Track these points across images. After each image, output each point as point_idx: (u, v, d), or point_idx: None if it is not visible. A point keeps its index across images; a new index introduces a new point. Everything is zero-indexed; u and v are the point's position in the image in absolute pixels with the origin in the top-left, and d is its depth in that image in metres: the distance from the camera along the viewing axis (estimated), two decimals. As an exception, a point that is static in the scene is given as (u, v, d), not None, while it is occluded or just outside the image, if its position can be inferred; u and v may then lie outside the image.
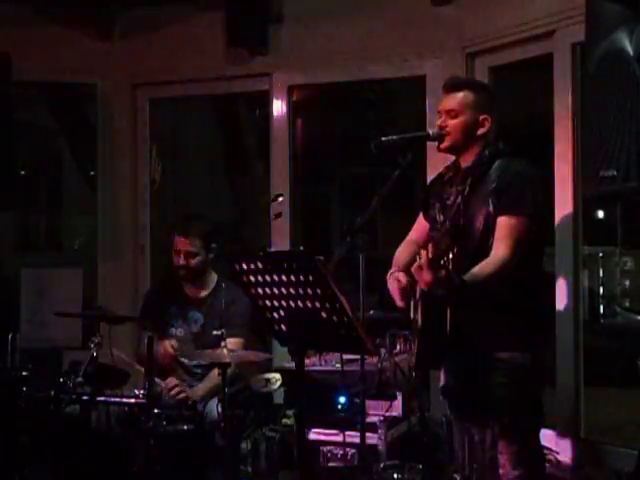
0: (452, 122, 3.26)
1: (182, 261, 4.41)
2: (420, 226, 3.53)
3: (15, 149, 5.17)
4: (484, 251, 3.09)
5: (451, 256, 2.84)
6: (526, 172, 3.22)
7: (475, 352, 3.14)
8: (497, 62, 4.84)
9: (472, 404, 3.25)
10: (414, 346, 3.21)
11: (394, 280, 3.32)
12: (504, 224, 3.09)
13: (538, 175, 3.28)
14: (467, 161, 3.29)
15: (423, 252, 2.80)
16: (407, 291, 3.28)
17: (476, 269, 2.99)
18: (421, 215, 3.53)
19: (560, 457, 4.26)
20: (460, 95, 3.27)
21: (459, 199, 3.22)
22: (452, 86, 3.32)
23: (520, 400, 3.15)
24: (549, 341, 3.87)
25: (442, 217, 3.29)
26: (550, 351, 4.11)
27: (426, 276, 2.81)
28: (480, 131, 3.26)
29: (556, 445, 4.30)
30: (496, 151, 3.27)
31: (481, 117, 3.26)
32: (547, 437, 4.12)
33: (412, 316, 3.31)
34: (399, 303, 3.32)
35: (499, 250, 3.06)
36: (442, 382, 3.43)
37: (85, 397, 3.82)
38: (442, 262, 2.81)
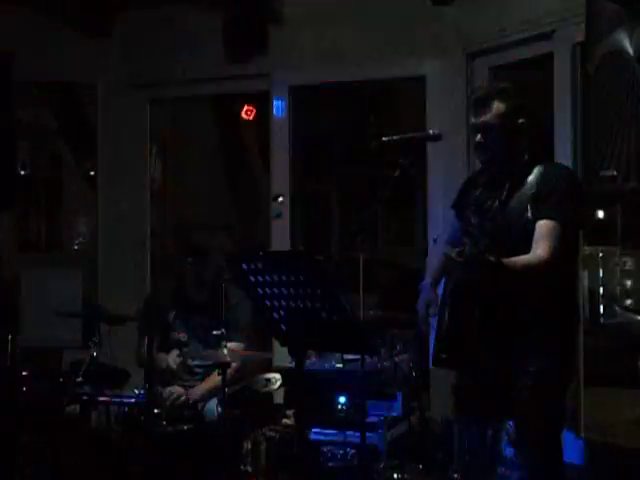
0: (492, 136, 3.18)
1: None
2: (452, 227, 3.49)
3: (15, 149, 5.16)
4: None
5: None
6: (567, 179, 3.18)
7: (503, 354, 3.09)
8: (497, 62, 4.84)
9: (489, 405, 3.21)
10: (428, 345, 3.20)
11: (424, 303, 3.37)
12: (544, 227, 3.05)
13: (579, 183, 3.24)
14: (505, 165, 3.23)
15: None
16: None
17: (514, 258, 2.99)
18: (453, 216, 3.50)
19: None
20: (493, 107, 3.17)
21: (496, 203, 3.18)
22: (482, 100, 3.23)
23: (544, 403, 3.10)
24: (576, 347, 3.83)
25: (477, 219, 3.24)
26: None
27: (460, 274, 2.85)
28: (521, 136, 3.21)
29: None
30: (535, 156, 3.22)
31: (519, 122, 3.19)
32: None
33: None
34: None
35: (538, 250, 3.03)
36: (454, 381, 3.39)
37: (85, 397, 3.82)
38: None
